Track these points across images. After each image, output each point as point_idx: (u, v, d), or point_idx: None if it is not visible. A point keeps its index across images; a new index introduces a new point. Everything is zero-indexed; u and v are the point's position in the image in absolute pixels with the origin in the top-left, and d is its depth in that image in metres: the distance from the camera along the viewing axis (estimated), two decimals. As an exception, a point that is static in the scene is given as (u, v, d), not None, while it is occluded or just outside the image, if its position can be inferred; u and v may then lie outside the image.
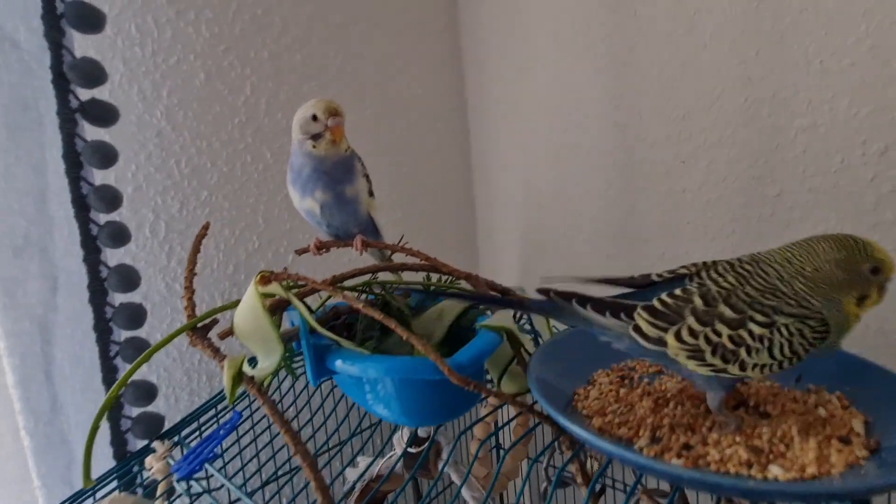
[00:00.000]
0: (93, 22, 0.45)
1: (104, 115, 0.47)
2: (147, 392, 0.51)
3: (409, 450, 0.56)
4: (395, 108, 0.91)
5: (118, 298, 0.50)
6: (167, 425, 0.56)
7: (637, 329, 0.30)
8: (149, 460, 0.48)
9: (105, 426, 0.50)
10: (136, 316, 0.49)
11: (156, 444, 0.49)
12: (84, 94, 0.46)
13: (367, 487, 0.60)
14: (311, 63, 0.79)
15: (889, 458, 0.26)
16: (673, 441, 0.29)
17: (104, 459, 0.52)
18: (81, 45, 0.58)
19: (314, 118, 0.47)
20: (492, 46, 0.96)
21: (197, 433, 0.56)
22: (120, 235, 0.48)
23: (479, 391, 0.34)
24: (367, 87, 0.87)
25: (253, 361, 0.39)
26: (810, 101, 0.60)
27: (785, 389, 0.36)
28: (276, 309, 0.40)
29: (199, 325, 0.39)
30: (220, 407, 0.58)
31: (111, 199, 0.46)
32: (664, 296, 0.30)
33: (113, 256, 0.52)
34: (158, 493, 0.46)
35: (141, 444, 0.53)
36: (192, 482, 0.45)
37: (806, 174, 0.62)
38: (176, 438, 0.52)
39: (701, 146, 0.71)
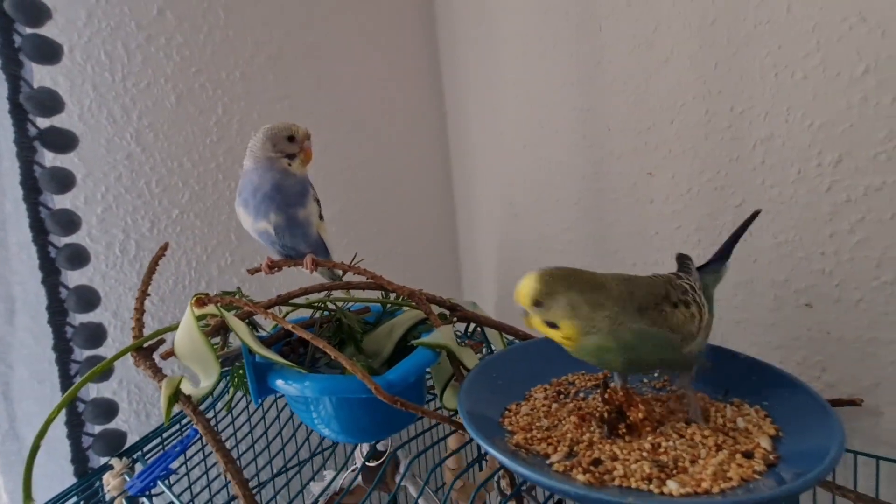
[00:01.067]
0: (49, 53, 0.47)
1: (63, 141, 0.48)
2: (107, 409, 0.52)
3: (368, 463, 0.57)
4: (372, 125, 0.93)
5: (79, 318, 0.51)
6: (135, 439, 0.57)
7: None
8: (106, 478, 0.49)
9: (65, 443, 0.51)
10: (95, 335, 0.51)
11: (114, 462, 0.50)
12: (43, 122, 0.48)
13: (330, 500, 0.60)
14: (283, 83, 0.81)
15: (783, 473, 0.26)
16: (585, 457, 0.30)
17: (65, 476, 0.53)
18: (51, 72, 0.60)
19: (290, 139, 0.48)
20: (467, 61, 0.98)
21: (161, 449, 0.56)
22: (78, 258, 0.49)
23: (407, 409, 0.35)
24: (343, 104, 0.88)
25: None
26: (767, 113, 0.60)
27: (713, 402, 0.36)
28: (220, 329, 0.41)
29: (145, 345, 0.40)
30: (184, 422, 0.59)
31: (67, 223, 0.48)
32: None
33: (76, 278, 0.53)
34: (114, 510, 0.47)
35: (104, 460, 0.54)
36: (144, 499, 0.46)
37: (765, 184, 0.62)
38: (136, 455, 0.53)
39: (666, 158, 0.71)
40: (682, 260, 0.40)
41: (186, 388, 0.38)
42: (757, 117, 0.62)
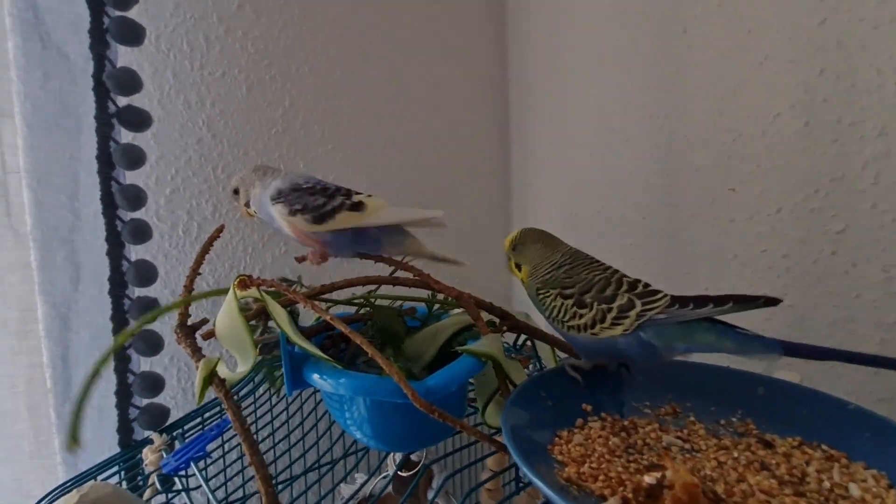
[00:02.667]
0: (133, 36, 0.49)
1: (138, 120, 0.50)
2: (154, 383, 0.53)
3: (400, 472, 0.54)
4: (434, 125, 0.91)
5: (137, 292, 0.53)
6: (177, 417, 0.58)
7: None
8: (145, 452, 0.49)
9: (114, 413, 0.53)
10: (149, 309, 0.52)
11: (154, 437, 0.51)
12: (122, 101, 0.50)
13: (359, 505, 0.58)
14: (350, 79, 0.82)
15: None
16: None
17: (112, 445, 0.54)
18: (137, 58, 0.63)
19: None
20: (537, 65, 0.95)
21: (200, 428, 0.57)
22: (141, 233, 0.51)
23: (444, 421, 0.32)
24: (406, 103, 0.88)
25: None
26: (883, 127, 0.52)
27: (810, 456, 0.30)
28: (261, 314, 0.40)
29: (189, 323, 0.40)
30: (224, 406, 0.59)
31: (134, 198, 0.50)
32: None
33: (140, 252, 0.55)
34: (148, 484, 0.47)
35: (147, 433, 0.55)
36: (177, 479, 0.46)
37: (877, 209, 0.54)
38: (176, 433, 0.54)
39: (753, 173, 0.64)
40: (691, 301, 0.34)
41: (223, 371, 0.37)
42: (870, 131, 0.53)
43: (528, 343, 0.53)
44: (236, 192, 0.48)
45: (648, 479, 0.26)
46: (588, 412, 0.37)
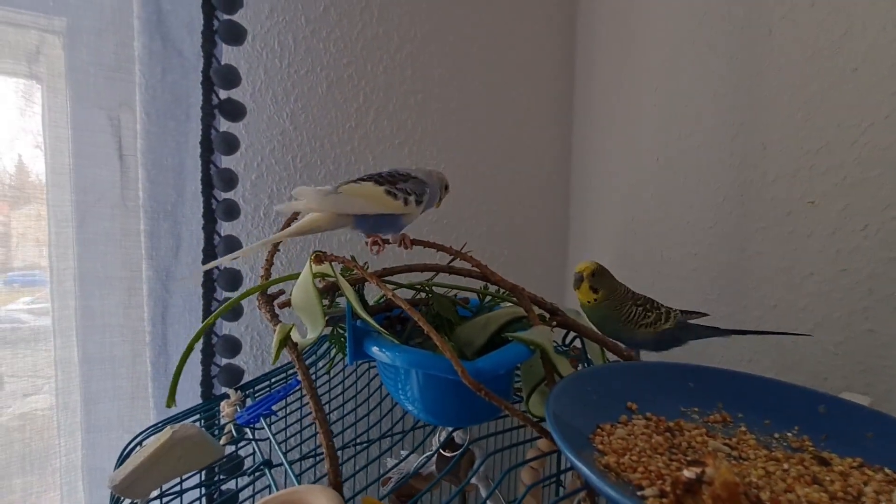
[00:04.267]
0: (237, 37, 0.56)
1: (235, 111, 0.57)
2: (233, 346, 0.60)
3: (443, 452, 0.57)
4: (497, 124, 0.93)
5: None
6: (249, 378, 0.65)
7: None
8: (222, 405, 0.56)
9: (199, 368, 0.60)
10: (234, 280, 0.59)
11: (230, 392, 0.57)
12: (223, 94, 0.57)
13: (401, 478, 0.62)
14: (420, 78, 0.85)
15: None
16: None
17: (195, 396, 0.62)
18: (235, 55, 0.71)
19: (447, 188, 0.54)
20: (604, 63, 0.94)
21: (267, 391, 0.63)
22: (231, 212, 0.58)
23: (491, 401, 0.34)
24: (471, 102, 0.90)
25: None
26: None
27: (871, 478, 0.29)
28: (332, 288, 0.44)
29: (269, 292, 0.45)
30: (289, 372, 0.65)
31: (228, 180, 0.56)
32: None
33: (227, 229, 0.62)
34: (224, 432, 0.53)
35: (223, 390, 0.62)
36: (247, 430, 0.51)
37: (982, 231, 0.49)
38: (248, 392, 0.60)
39: (838, 185, 0.60)
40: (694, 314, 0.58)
41: (295, 336, 0.42)
42: (981, 145, 0.49)
43: (577, 343, 0.53)
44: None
45: (688, 472, 0.27)
46: (633, 410, 0.37)
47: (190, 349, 0.39)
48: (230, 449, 0.54)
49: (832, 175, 0.60)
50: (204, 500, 0.54)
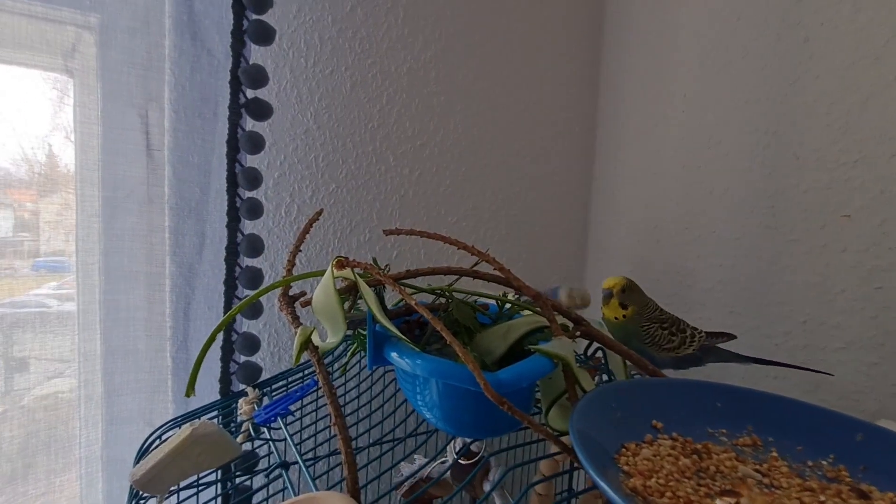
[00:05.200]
0: (266, 37, 0.56)
1: (261, 110, 0.57)
2: (252, 344, 0.60)
3: (460, 461, 0.56)
4: (519, 128, 0.92)
5: (246, 262, 0.60)
6: (267, 376, 0.65)
7: None
8: (240, 402, 0.56)
9: (218, 365, 0.61)
10: (255, 278, 0.59)
11: (248, 390, 0.58)
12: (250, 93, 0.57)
13: (416, 485, 0.61)
14: (443, 79, 0.85)
15: None
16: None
17: (213, 392, 0.63)
18: (262, 55, 0.71)
19: None
20: (632, 69, 0.92)
21: (284, 390, 0.63)
22: (255, 210, 0.58)
23: (513, 414, 0.33)
24: (493, 105, 0.89)
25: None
26: None
27: None
28: (352, 289, 0.44)
29: (290, 293, 0.45)
30: (306, 372, 0.65)
31: (252, 179, 0.56)
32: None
33: (250, 227, 0.62)
34: (242, 430, 0.54)
35: (241, 387, 0.63)
36: (264, 429, 0.52)
37: None
38: (266, 390, 0.60)
39: (875, 199, 0.58)
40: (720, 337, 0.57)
41: (316, 339, 0.42)
42: None
43: (599, 354, 0.52)
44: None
45: (721, 503, 0.26)
46: (659, 429, 0.36)
47: (212, 339, 0.39)
48: (247, 447, 0.55)
49: (869, 188, 0.58)
50: (220, 498, 0.54)
